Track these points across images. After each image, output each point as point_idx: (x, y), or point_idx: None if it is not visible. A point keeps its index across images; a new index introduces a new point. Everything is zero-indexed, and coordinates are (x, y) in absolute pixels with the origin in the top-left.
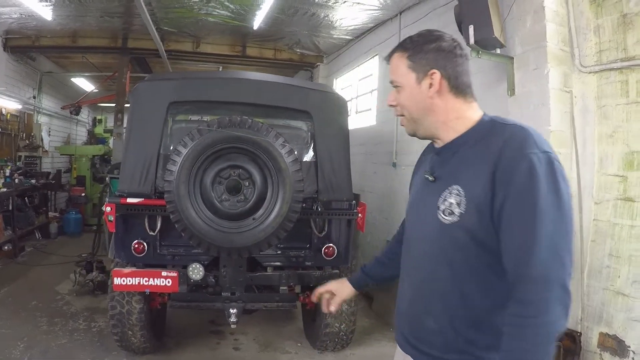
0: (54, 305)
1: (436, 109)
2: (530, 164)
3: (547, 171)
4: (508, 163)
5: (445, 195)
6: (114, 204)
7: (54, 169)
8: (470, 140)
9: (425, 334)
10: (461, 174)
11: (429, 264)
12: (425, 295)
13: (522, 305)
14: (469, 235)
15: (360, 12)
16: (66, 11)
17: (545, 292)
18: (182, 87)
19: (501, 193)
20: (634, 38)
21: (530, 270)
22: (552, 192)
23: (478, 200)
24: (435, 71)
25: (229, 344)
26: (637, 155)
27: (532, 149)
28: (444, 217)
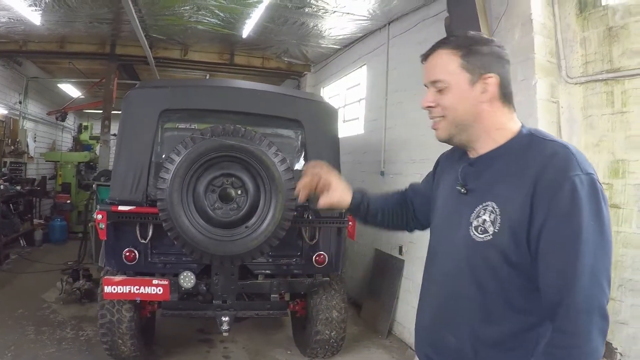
0: (41, 313)
1: (484, 116)
2: (573, 186)
3: (590, 195)
4: (549, 184)
5: (479, 211)
6: (105, 211)
7: (39, 175)
8: (508, 153)
9: (446, 351)
10: (497, 189)
11: (456, 280)
12: (449, 311)
13: (564, 335)
14: (501, 256)
15: (349, 22)
16: (55, 16)
17: (587, 322)
18: (174, 94)
19: (541, 216)
20: (619, 50)
21: (572, 299)
22: (594, 218)
23: (514, 220)
24: (492, 75)
25: (218, 352)
26: (622, 163)
27: (575, 170)
28: (476, 234)
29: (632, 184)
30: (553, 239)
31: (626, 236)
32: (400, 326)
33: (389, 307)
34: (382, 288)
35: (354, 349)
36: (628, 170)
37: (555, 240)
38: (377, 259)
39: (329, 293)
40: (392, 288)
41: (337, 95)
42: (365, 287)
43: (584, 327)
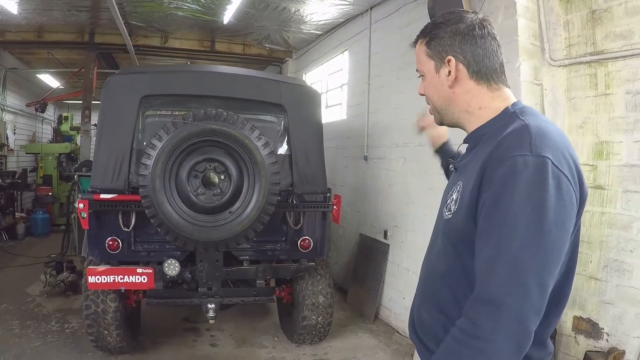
0: (25, 307)
1: (457, 98)
2: (512, 168)
3: (532, 179)
4: (494, 164)
5: (453, 190)
6: (86, 200)
7: (20, 168)
8: (490, 132)
9: (424, 327)
10: (468, 169)
11: (434, 258)
12: (427, 289)
13: (471, 323)
14: (457, 234)
15: (330, 6)
16: (32, 5)
17: (492, 319)
18: (155, 80)
19: (483, 196)
20: (603, 33)
21: (484, 289)
22: (533, 206)
23: (466, 201)
24: (450, 57)
25: (205, 341)
26: (606, 145)
27: (522, 150)
28: (445, 212)
29: (616, 165)
30: (483, 221)
31: (611, 217)
32: (386, 310)
33: (374, 291)
34: (367, 273)
35: (340, 334)
36: (612, 151)
37: (484, 222)
38: (362, 244)
39: (315, 278)
40: (378, 272)
41: (319, 81)
42: (351, 272)
43: (487, 323)
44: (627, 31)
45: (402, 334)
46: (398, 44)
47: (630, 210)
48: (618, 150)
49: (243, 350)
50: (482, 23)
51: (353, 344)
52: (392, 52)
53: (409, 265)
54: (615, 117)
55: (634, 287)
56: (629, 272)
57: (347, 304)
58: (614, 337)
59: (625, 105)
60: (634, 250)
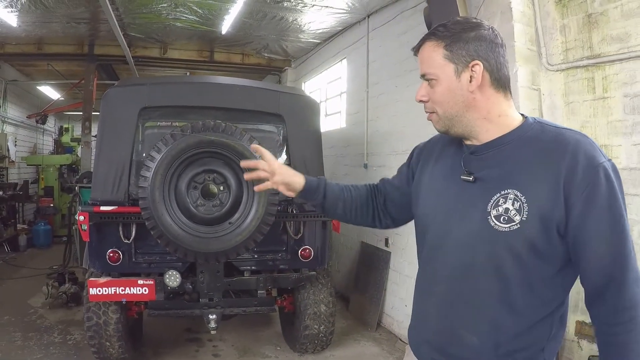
0: (28, 319)
1: (477, 105)
2: (607, 174)
3: (618, 179)
4: (584, 175)
5: (497, 200)
6: (87, 212)
7: (21, 179)
8: (518, 141)
9: (462, 349)
10: (516, 177)
11: (472, 274)
12: (464, 308)
13: (626, 310)
14: (529, 244)
15: (328, 15)
16: (32, 17)
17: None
18: (154, 92)
19: (579, 207)
20: (599, 37)
21: (626, 278)
22: (623, 197)
23: (544, 209)
24: (477, 62)
25: (207, 351)
26: (605, 148)
27: (602, 158)
28: (498, 223)
29: None
30: (597, 226)
31: None
32: (389, 318)
33: (377, 299)
34: (369, 281)
35: (343, 343)
36: (611, 155)
37: (599, 227)
38: (363, 252)
39: (316, 287)
40: (380, 280)
41: (318, 90)
42: (352, 281)
43: (633, 311)
44: (624, 34)
45: (404, 342)
46: (396, 51)
47: (630, 214)
48: (617, 153)
49: None
50: (500, 34)
51: (356, 353)
52: (390, 59)
53: (410, 273)
54: (614, 121)
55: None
56: None
57: (350, 313)
58: None
59: (623, 108)
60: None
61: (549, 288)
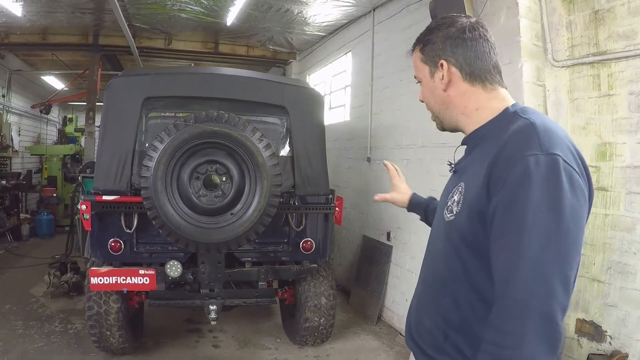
0: (29, 308)
1: (453, 101)
2: (525, 168)
3: (546, 178)
4: (504, 165)
5: (454, 192)
6: (89, 201)
7: (25, 169)
8: (490, 133)
9: (423, 332)
10: (469, 170)
11: (434, 262)
12: (427, 293)
13: (499, 333)
14: (461, 237)
15: (334, 8)
16: (37, 7)
17: (522, 323)
18: (157, 82)
19: (494, 199)
20: (605, 33)
21: (509, 293)
22: (549, 204)
23: (471, 202)
24: (441, 61)
25: (208, 342)
26: (610, 146)
27: (532, 149)
28: (446, 214)
29: (619, 167)
30: (499, 225)
31: (614, 219)
32: (389, 312)
33: (377, 293)
34: (370, 274)
35: (343, 336)
36: (615, 153)
37: (500, 226)
38: (365, 245)
39: (317, 280)
40: (381, 274)
41: (323, 83)
42: (354, 274)
43: (516, 328)
44: (630, 31)
45: (404, 336)
46: (401, 45)
47: (633, 212)
48: (621, 151)
49: (245, 351)
50: (474, 26)
51: (355, 346)
52: (395, 53)
53: (412, 267)
54: (619, 118)
55: (638, 290)
56: (632, 274)
57: (350, 306)
58: (617, 340)
59: (628, 105)
60: (638, 252)
61: (491, 284)
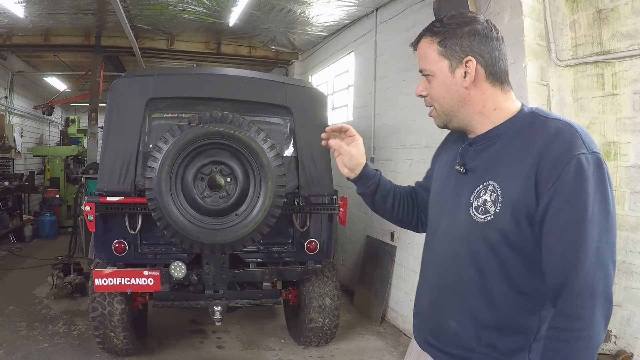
0: (33, 309)
1: (472, 100)
2: (579, 165)
3: (596, 174)
4: (554, 163)
5: (479, 191)
6: (93, 203)
7: (27, 170)
8: (509, 132)
9: (447, 336)
10: (498, 169)
11: (456, 262)
12: (449, 295)
13: (568, 318)
14: (502, 236)
15: (336, 8)
16: (39, 8)
17: (590, 305)
18: (161, 83)
19: (546, 195)
20: (609, 33)
21: (576, 282)
22: (600, 198)
23: (515, 200)
24: (470, 58)
25: (212, 343)
26: (614, 145)
27: (580, 149)
28: (477, 214)
29: (623, 166)
30: (557, 219)
31: (619, 218)
32: (393, 313)
33: (381, 293)
34: (374, 275)
35: (347, 336)
36: (620, 152)
37: (559, 220)
38: (368, 246)
39: (321, 280)
40: (385, 275)
41: (326, 83)
42: (358, 274)
43: (587, 310)
44: (634, 30)
45: (409, 336)
46: (404, 45)
47: (638, 212)
48: (626, 150)
49: (249, 352)
50: (496, 27)
51: (360, 346)
52: (398, 53)
53: (415, 267)
54: (623, 118)
55: None
56: (637, 274)
57: (354, 306)
58: (621, 340)
59: (632, 105)
60: None
61: (529, 281)
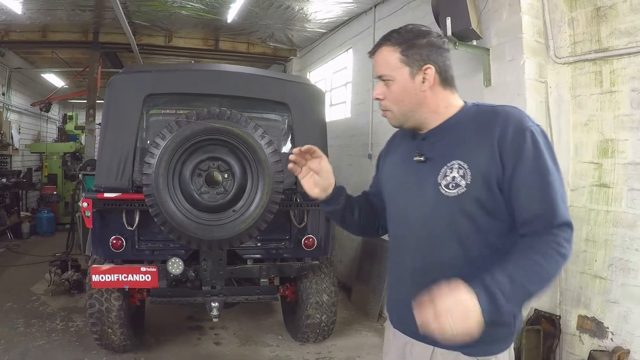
0: (30, 306)
1: (428, 101)
2: (533, 135)
3: (545, 141)
4: (513, 137)
5: (444, 171)
6: (90, 199)
7: (25, 167)
8: (461, 122)
9: None
10: (459, 151)
11: (434, 242)
12: (435, 274)
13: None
14: (477, 203)
15: (335, 5)
16: (37, 5)
17: (570, 233)
18: (159, 79)
19: (511, 162)
20: (607, 30)
21: (559, 218)
22: (551, 157)
23: (484, 171)
24: (429, 66)
25: (209, 339)
26: (612, 143)
27: (529, 123)
28: (448, 190)
29: (621, 164)
30: (526, 176)
31: (616, 215)
32: None
33: (379, 290)
34: (371, 271)
35: (345, 333)
36: (617, 149)
37: (529, 177)
38: (365, 242)
39: (319, 277)
40: (382, 271)
41: (324, 80)
42: (355, 271)
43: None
44: (632, 28)
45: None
46: None
47: (635, 209)
48: (623, 148)
49: (247, 348)
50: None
51: (357, 343)
52: None
53: None
54: (621, 115)
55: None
56: (634, 271)
57: (352, 303)
58: (618, 337)
59: (630, 102)
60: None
61: (504, 239)
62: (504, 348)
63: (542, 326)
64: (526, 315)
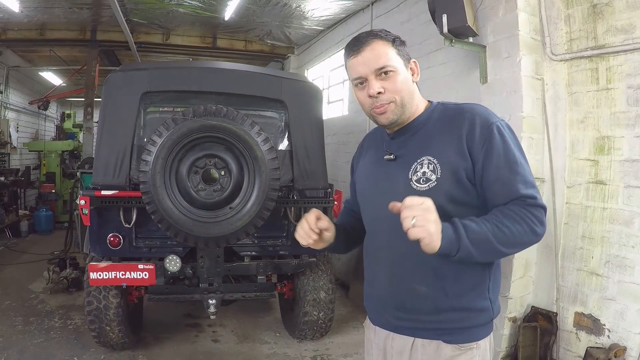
0: (29, 304)
1: (416, 94)
2: (499, 129)
3: (511, 134)
4: (480, 132)
5: (415, 167)
6: (88, 196)
7: (23, 165)
8: (429, 120)
9: (418, 301)
10: (428, 147)
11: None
12: (411, 265)
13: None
14: (447, 196)
15: (332, 2)
16: (34, 3)
17: (543, 214)
18: (156, 77)
19: (480, 155)
20: (604, 27)
21: (531, 199)
22: (518, 148)
23: (453, 165)
24: (414, 60)
25: (207, 337)
26: (608, 140)
27: (495, 118)
28: (419, 185)
29: (617, 161)
30: (497, 169)
31: (612, 212)
32: None
33: None
34: None
35: (342, 330)
36: (613, 146)
37: (499, 169)
38: None
39: (316, 274)
40: None
41: (321, 77)
42: (353, 268)
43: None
44: (629, 25)
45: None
46: None
47: (631, 206)
48: (619, 145)
49: (245, 345)
50: None
51: (355, 340)
52: None
53: None
54: (617, 112)
55: (636, 283)
56: (630, 268)
57: (349, 300)
58: (615, 334)
59: (626, 99)
60: (636, 245)
61: None
62: (484, 335)
63: (539, 323)
64: (523, 312)
